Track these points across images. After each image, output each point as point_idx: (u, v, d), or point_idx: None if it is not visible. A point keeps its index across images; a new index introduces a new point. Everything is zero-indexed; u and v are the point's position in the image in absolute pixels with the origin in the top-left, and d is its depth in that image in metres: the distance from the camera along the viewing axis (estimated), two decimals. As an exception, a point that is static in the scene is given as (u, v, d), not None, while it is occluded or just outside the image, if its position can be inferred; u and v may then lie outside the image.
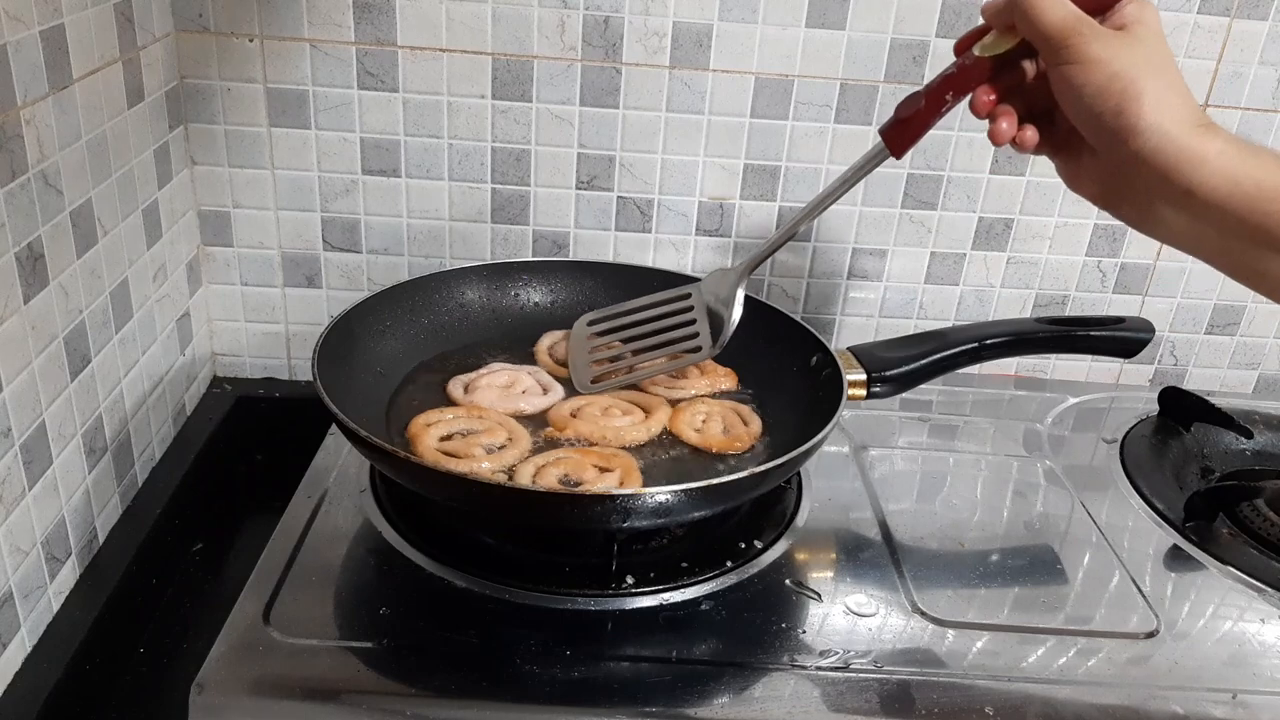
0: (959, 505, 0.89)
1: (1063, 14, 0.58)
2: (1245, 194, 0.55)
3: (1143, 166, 0.57)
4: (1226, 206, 0.56)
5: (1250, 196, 0.55)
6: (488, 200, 1.03)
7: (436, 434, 0.79)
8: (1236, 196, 0.56)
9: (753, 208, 1.05)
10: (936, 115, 0.66)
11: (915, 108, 0.66)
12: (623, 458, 0.79)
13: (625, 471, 0.77)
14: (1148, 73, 0.57)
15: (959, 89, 0.65)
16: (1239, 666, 0.73)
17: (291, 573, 0.73)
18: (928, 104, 0.65)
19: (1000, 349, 0.91)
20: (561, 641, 0.69)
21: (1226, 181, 0.56)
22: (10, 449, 0.68)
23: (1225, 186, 0.56)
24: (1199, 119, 0.57)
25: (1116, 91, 0.56)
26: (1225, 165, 0.56)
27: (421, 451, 0.77)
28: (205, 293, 1.05)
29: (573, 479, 0.76)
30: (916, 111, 0.66)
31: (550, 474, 0.76)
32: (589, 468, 0.77)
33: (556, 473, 0.76)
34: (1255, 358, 1.17)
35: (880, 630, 0.73)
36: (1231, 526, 0.88)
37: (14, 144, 0.66)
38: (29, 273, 0.69)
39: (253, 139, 0.99)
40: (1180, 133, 0.56)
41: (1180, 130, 0.56)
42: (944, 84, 0.65)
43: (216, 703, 0.63)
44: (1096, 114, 0.58)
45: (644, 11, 0.96)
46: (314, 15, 0.94)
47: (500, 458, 0.78)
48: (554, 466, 0.77)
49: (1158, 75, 0.57)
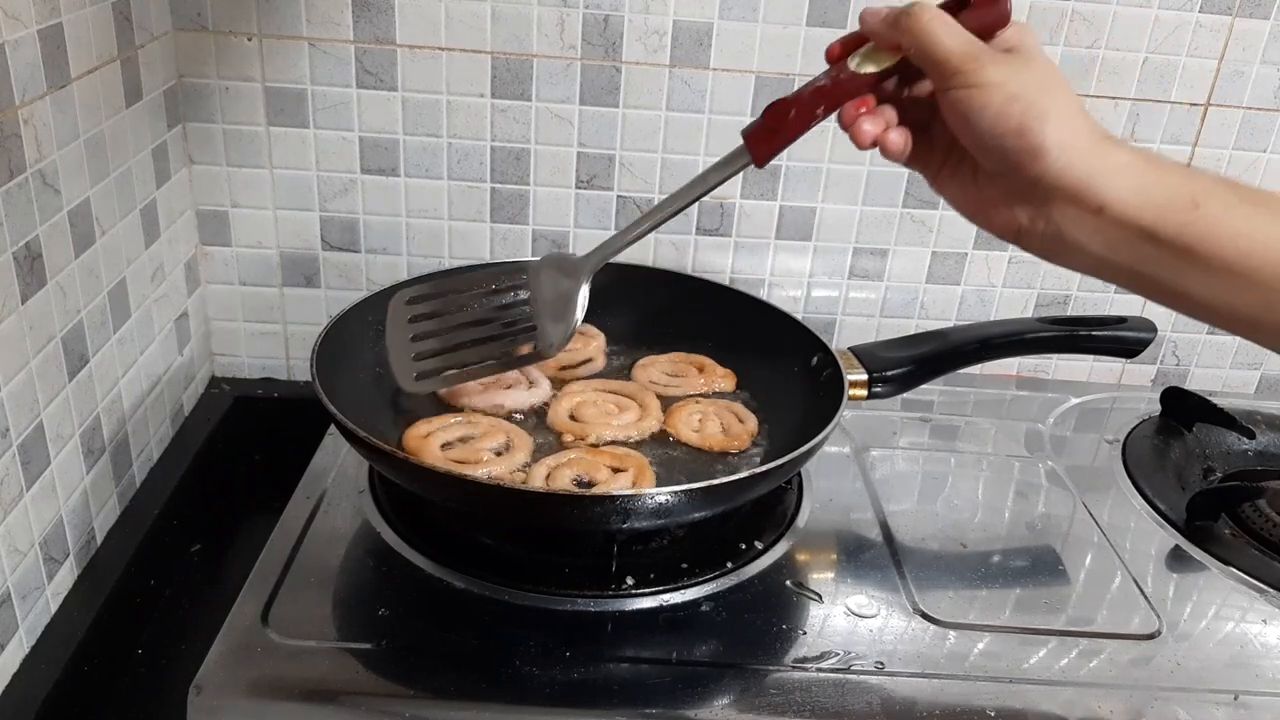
0: (960, 506, 0.89)
1: (958, 40, 0.56)
2: (1156, 205, 0.54)
3: (1051, 186, 0.55)
4: (1139, 219, 0.54)
5: (1161, 207, 0.54)
6: (487, 199, 1.03)
7: (437, 443, 0.79)
8: (1149, 208, 0.54)
9: (753, 207, 1.05)
10: (805, 128, 0.63)
11: (784, 118, 0.63)
12: (635, 458, 0.79)
13: (638, 471, 0.77)
14: (1046, 92, 0.55)
15: (831, 102, 0.61)
16: (1241, 667, 0.73)
17: (290, 574, 0.73)
18: (797, 116, 0.62)
19: (1002, 349, 0.91)
20: (561, 642, 0.68)
21: (1137, 193, 0.54)
22: (8, 449, 0.68)
23: (1136, 199, 0.54)
24: (1102, 133, 0.56)
25: (1017, 113, 0.54)
26: (1133, 177, 0.54)
27: (431, 462, 0.75)
28: (203, 292, 1.05)
29: (586, 479, 0.76)
30: (785, 122, 0.63)
31: (564, 474, 0.76)
32: (602, 468, 0.77)
33: (570, 474, 0.76)
34: (1257, 358, 1.17)
35: (881, 631, 0.72)
36: (1234, 527, 0.88)
37: (11, 143, 0.66)
38: (26, 272, 0.69)
39: (251, 138, 0.99)
40: (1087, 147, 0.55)
41: (1086, 145, 0.55)
42: (815, 95, 0.62)
43: (215, 704, 0.62)
44: (998, 136, 0.55)
45: (644, 10, 0.96)
46: (312, 14, 0.94)
47: (510, 459, 0.78)
48: (567, 467, 0.77)
49: (1055, 93, 0.55)
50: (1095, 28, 0.99)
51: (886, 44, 0.60)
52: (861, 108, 0.60)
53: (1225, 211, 0.53)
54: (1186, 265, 0.54)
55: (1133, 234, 0.54)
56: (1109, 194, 0.54)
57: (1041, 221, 0.57)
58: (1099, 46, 1.00)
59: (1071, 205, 0.55)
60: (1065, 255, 0.58)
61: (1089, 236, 0.56)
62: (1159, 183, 0.54)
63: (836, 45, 0.62)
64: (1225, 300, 0.54)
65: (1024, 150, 0.55)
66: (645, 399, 0.87)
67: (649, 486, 0.76)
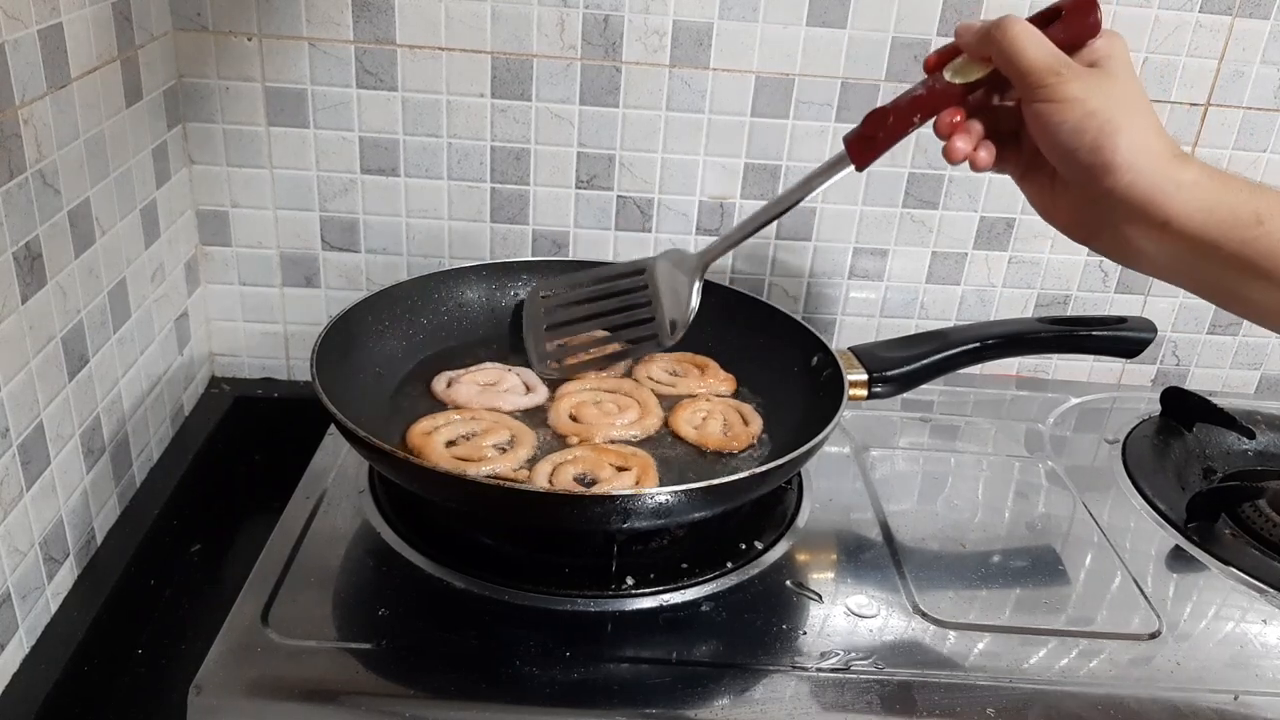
0: (960, 506, 0.89)
1: (1042, 53, 0.59)
2: (1220, 221, 0.56)
3: (1119, 201, 0.58)
4: (1203, 235, 0.57)
5: (1225, 224, 0.56)
6: (487, 199, 1.03)
7: (441, 440, 0.78)
8: (1212, 225, 0.57)
9: (753, 207, 1.05)
10: (902, 135, 0.66)
11: (883, 125, 0.66)
12: (640, 456, 0.79)
13: (642, 469, 0.77)
14: (1123, 110, 0.58)
15: (927, 111, 0.65)
16: (1241, 667, 0.73)
17: (290, 573, 0.73)
18: (895, 123, 0.66)
19: (1002, 349, 0.91)
20: (561, 643, 0.68)
21: (1201, 210, 0.57)
22: (8, 449, 0.68)
23: (1200, 215, 0.57)
24: (1173, 151, 0.58)
25: (1093, 129, 0.57)
26: (1199, 195, 0.57)
27: (435, 460, 0.75)
28: (203, 292, 1.05)
29: (589, 477, 0.76)
30: (883, 128, 0.66)
31: (566, 472, 0.76)
32: (606, 466, 0.77)
33: (573, 471, 0.76)
34: (1257, 358, 1.17)
35: (881, 631, 0.72)
36: (1234, 527, 0.88)
37: (12, 143, 0.66)
38: (26, 272, 0.69)
39: (251, 138, 0.99)
40: (1155, 167, 0.57)
41: (1155, 164, 0.57)
42: (912, 104, 0.65)
43: (214, 704, 0.62)
44: (1073, 150, 0.58)
45: (644, 10, 0.96)
46: (312, 14, 0.94)
47: (514, 455, 0.78)
48: (570, 465, 0.77)
49: (1132, 111, 0.58)
50: (1095, 28, 0.99)
51: (977, 56, 0.63)
52: (955, 117, 0.63)
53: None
54: (1249, 277, 0.57)
55: (1197, 248, 0.57)
56: (1174, 211, 0.57)
57: (1110, 230, 0.60)
58: (1099, 46, 1.00)
59: (1138, 219, 0.58)
60: (1132, 261, 0.62)
61: (1154, 247, 0.59)
62: (1224, 201, 0.57)
63: (933, 57, 0.66)
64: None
65: (1095, 166, 0.58)
66: (644, 397, 0.87)
67: (653, 484, 0.76)
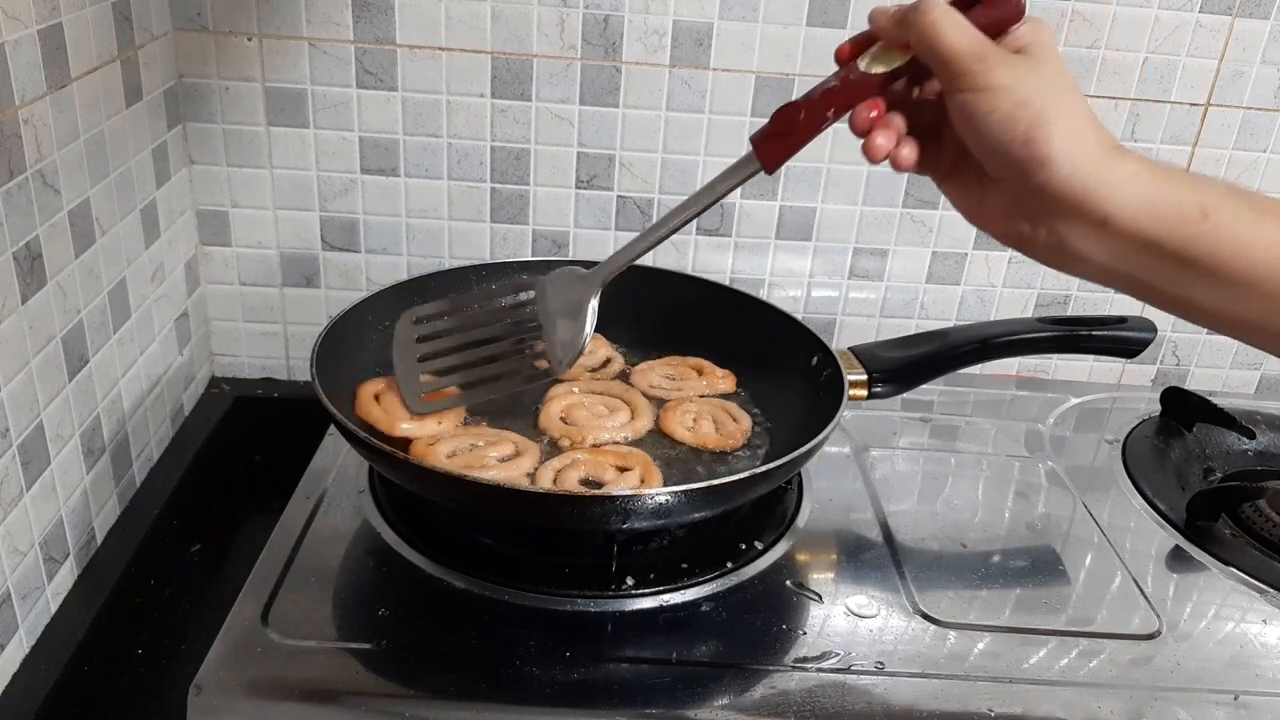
0: (960, 506, 0.89)
1: (966, 38, 0.54)
2: (1164, 216, 0.52)
3: (1054, 197, 0.54)
4: (1146, 231, 0.53)
5: (1169, 219, 0.52)
6: (487, 199, 1.03)
7: (443, 451, 0.78)
8: (1155, 220, 0.52)
9: (753, 207, 1.05)
10: (815, 131, 0.61)
11: (794, 122, 0.61)
12: (638, 455, 0.79)
13: (644, 469, 0.77)
14: (1055, 98, 0.53)
15: (841, 104, 0.59)
16: (1241, 668, 0.73)
17: (290, 573, 0.73)
18: (807, 119, 0.60)
19: (1002, 349, 0.91)
20: (561, 643, 0.68)
21: (1144, 205, 0.53)
22: (8, 449, 0.68)
23: (1144, 211, 0.53)
24: (1109, 143, 0.54)
25: (1025, 119, 0.53)
26: (1141, 189, 0.53)
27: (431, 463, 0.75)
28: (203, 292, 1.05)
29: (593, 480, 0.76)
30: (795, 126, 0.61)
31: (570, 475, 0.76)
32: (608, 468, 0.77)
33: (576, 474, 0.76)
34: (1257, 358, 1.17)
35: (881, 631, 0.72)
36: (1234, 527, 0.88)
37: (12, 143, 0.66)
38: (27, 272, 0.69)
39: (251, 138, 0.99)
40: (1093, 158, 0.53)
41: (1092, 156, 0.53)
42: (825, 98, 0.60)
43: (214, 704, 0.62)
44: (1004, 143, 0.54)
45: (644, 10, 0.96)
46: (312, 14, 0.94)
47: (516, 465, 0.77)
48: (573, 468, 0.77)
49: (1065, 100, 0.54)
50: (1095, 28, 0.99)
51: (895, 42, 0.58)
52: (873, 110, 0.59)
53: (1234, 222, 0.52)
54: (1193, 276, 0.53)
55: (1138, 246, 0.53)
56: (1114, 206, 0.53)
57: (1044, 230, 0.56)
58: (1099, 46, 1.00)
59: (1075, 216, 0.54)
60: (1068, 264, 0.57)
61: (1092, 247, 0.55)
62: (1167, 195, 0.53)
63: (847, 46, 0.60)
64: (1229, 308, 0.53)
65: (1028, 159, 0.53)
66: (633, 398, 0.87)
67: (657, 483, 0.76)
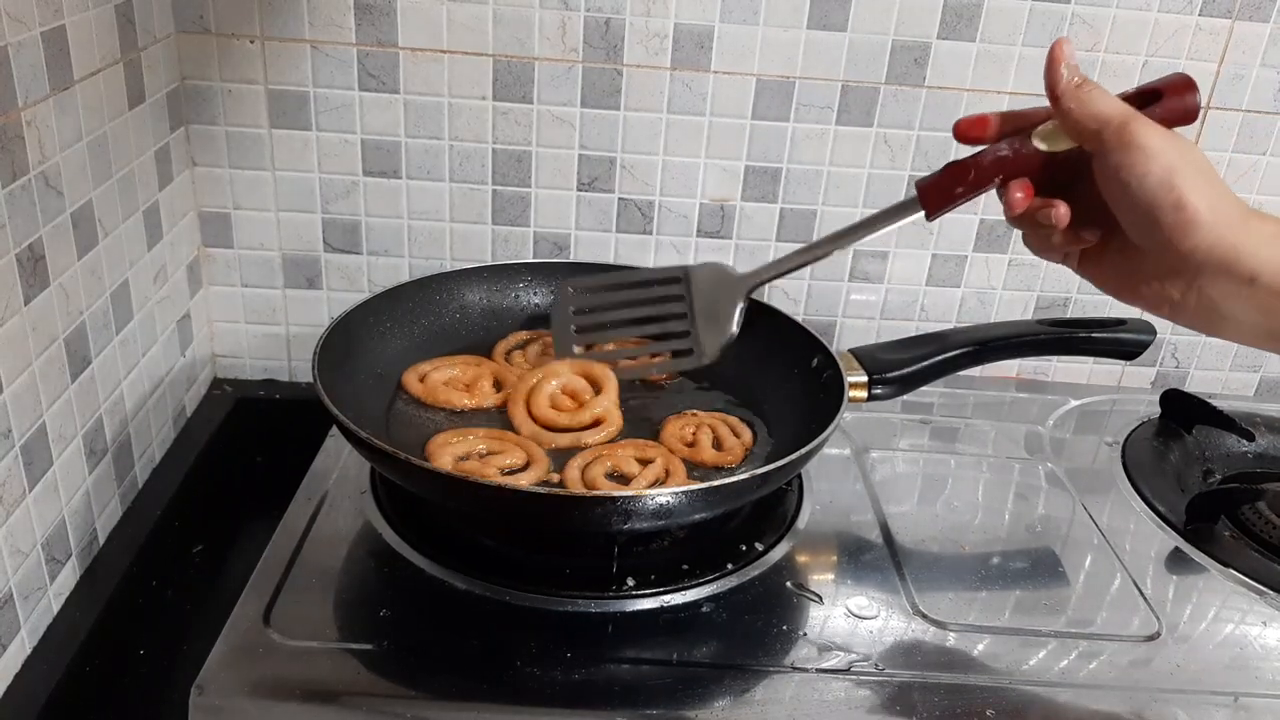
0: (960, 508, 0.89)
1: (1119, 105, 0.58)
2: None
3: (1204, 259, 0.56)
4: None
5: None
6: (488, 202, 1.03)
7: (453, 453, 0.78)
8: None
9: (754, 209, 1.05)
10: (978, 191, 0.64)
11: (963, 179, 0.64)
12: (657, 446, 0.80)
13: (665, 459, 0.78)
14: (1198, 166, 0.56)
15: (1008, 174, 0.63)
16: (1241, 670, 0.73)
17: (292, 574, 0.73)
18: (975, 179, 0.63)
19: (1002, 351, 0.91)
20: (562, 644, 0.69)
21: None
22: (10, 450, 0.68)
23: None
24: (1245, 207, 0.57)
25: (1177, 184, 0.56)
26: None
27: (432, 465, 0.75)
28: (206, 294, 1.05)
29: (620, 474, 0.78)
30: (963, 182, 0.64)
31: (596, 471, 0.77)
32: (630, 460, 0.78)
33: (601, 469, 0.77)
34: (1257, 360, 1.17)
35: (881, 632, 0.73)
36: (1233, 529, 0.88)
37: (15, 145, 0.66)
38: (29, 274, 0.69)
39: (253, 140, 0.99)
40: (1235, 221, 0.56)
41: (1235, 219, 0.56)
42: (996, 165, 0.63)
43: (216, 704, 0.63)
44: (1155, 207, 0.56)
45: (645, 13, 0.96)
46: (315, 16, 0.94)
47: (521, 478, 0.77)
48: (598, 464, 0.77)
49: (1206, 169, 0.57)
50: (1095, 30, 1.00)
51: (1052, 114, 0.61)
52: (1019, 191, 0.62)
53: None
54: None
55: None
56: (1259, 263, 0.55)
57: (1194, 295, 0.58)
58: (1099, 49, 1.00)
59: (1224, 276, 0.56)
60: (1219, 326, 0.59)
61: (1243, 306, 0.57)
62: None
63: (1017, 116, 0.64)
64: None
65: (1179, 224, 0.56)
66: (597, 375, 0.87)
67: (681, 473, 0.77)
